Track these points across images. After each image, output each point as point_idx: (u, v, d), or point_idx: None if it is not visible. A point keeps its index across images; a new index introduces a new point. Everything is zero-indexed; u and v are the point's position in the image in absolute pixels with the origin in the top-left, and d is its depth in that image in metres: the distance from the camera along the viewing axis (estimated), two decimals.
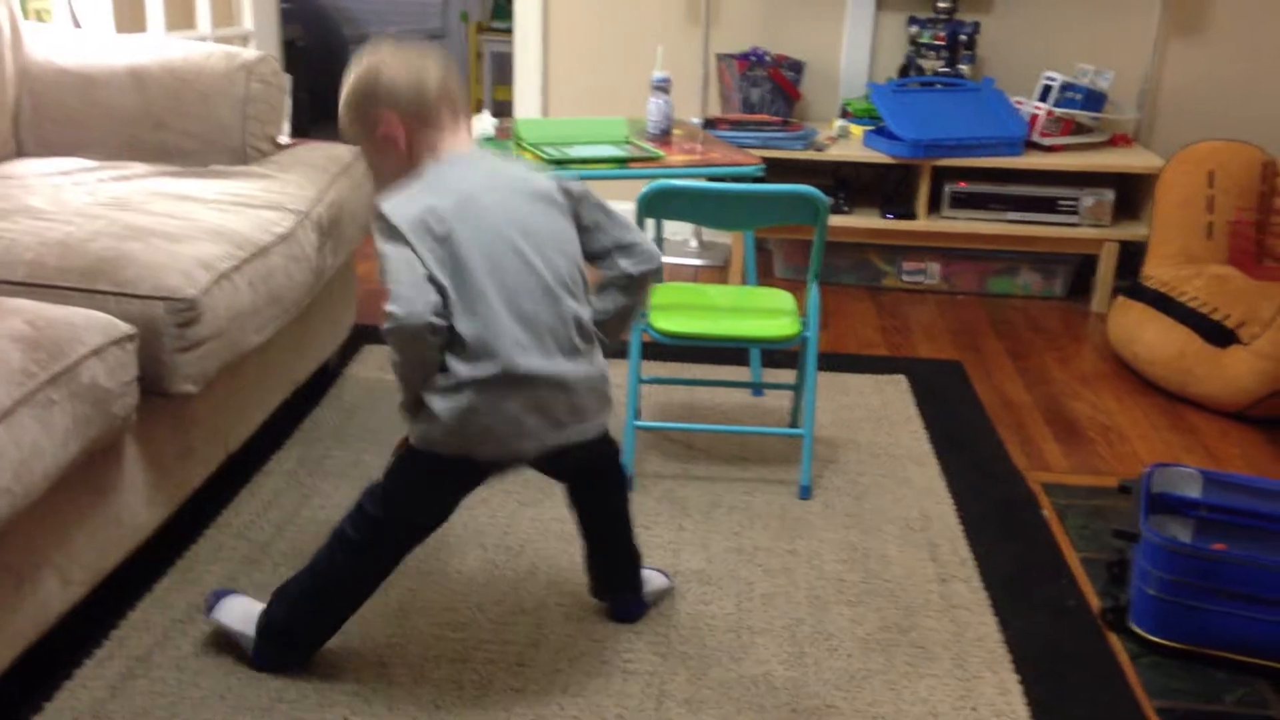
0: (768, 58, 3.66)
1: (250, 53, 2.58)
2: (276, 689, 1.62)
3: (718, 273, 3.72)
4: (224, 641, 1.68)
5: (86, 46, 2.56)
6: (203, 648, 1.69)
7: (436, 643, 1.74)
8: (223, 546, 1.97)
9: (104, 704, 1.57)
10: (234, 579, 1.87)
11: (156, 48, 2.55)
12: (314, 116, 5.66)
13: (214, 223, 2.05)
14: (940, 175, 3.43)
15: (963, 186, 3.43)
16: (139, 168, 2.35)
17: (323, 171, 2.50)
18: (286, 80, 2.67)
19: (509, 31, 5.04)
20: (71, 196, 2.07)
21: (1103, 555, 2.03)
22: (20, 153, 2.45)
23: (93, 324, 1.56)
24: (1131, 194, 3.49)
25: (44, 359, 1.44)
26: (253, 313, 1.95)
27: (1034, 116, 3.47)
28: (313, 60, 5.68)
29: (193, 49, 2.57)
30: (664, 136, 2.85)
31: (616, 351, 2.86)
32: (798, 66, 3.70)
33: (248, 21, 3.67)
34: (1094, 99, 3.48)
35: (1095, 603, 1.92)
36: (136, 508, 1.70)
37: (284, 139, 2.67)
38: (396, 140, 1.58)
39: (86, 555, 1.61)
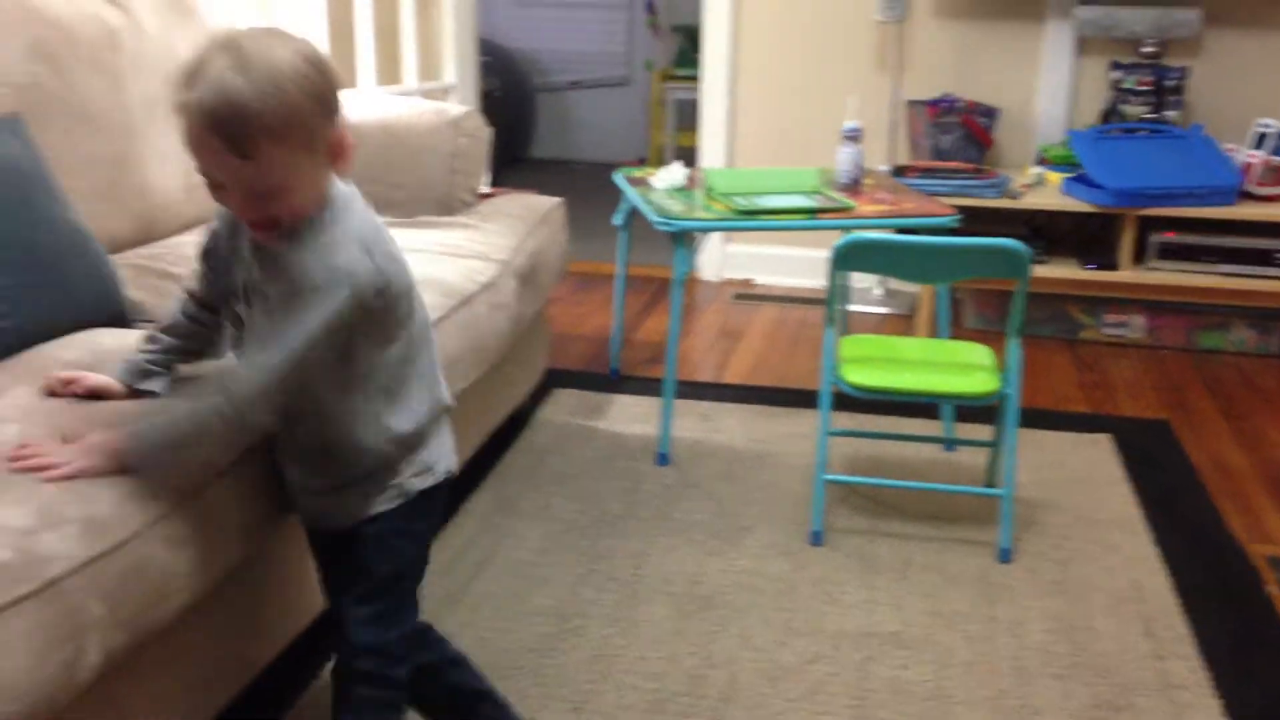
0: (960, 104, 3.60)
1: (457, 109, 2.69)
2: None
3: (903, 322, 3.66)
4: None
5: None
6: None
7: (631, 691, 1.75)
8: (427, 584, 2.03)
9: None
10: (437, 618, 1.92)
11: (372, 106, 2.69)
12: (505, 163, 5.88)
13: (424, 272, 2.12)
14: (1145, 225, 3.29)
15: (1171, 237, 3.27)
16: None
17: (522, 221, 2.58)
18: (488, 133, 2.77)
19: (692, 79, 5.13)
20: None
21: None
22: None
23: None
24: None
25: None
26: (458, 360, 2.02)
27: (1248, 165, 3.30)
28: (505, 109, 5.91)
29: (404, 107, 2.71)
30: (854, 186, 2.82)
31: (799, 401, 2.86)
32: (991, 113, 3.62)
33: (450, 75, 3.84)
34: None
35: None
36: None
37: (484, 189, 2.78)
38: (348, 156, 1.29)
39: (313, 588, 1.69)
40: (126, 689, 1.32)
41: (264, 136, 1.17)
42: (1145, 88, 3.45)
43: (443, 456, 1.45)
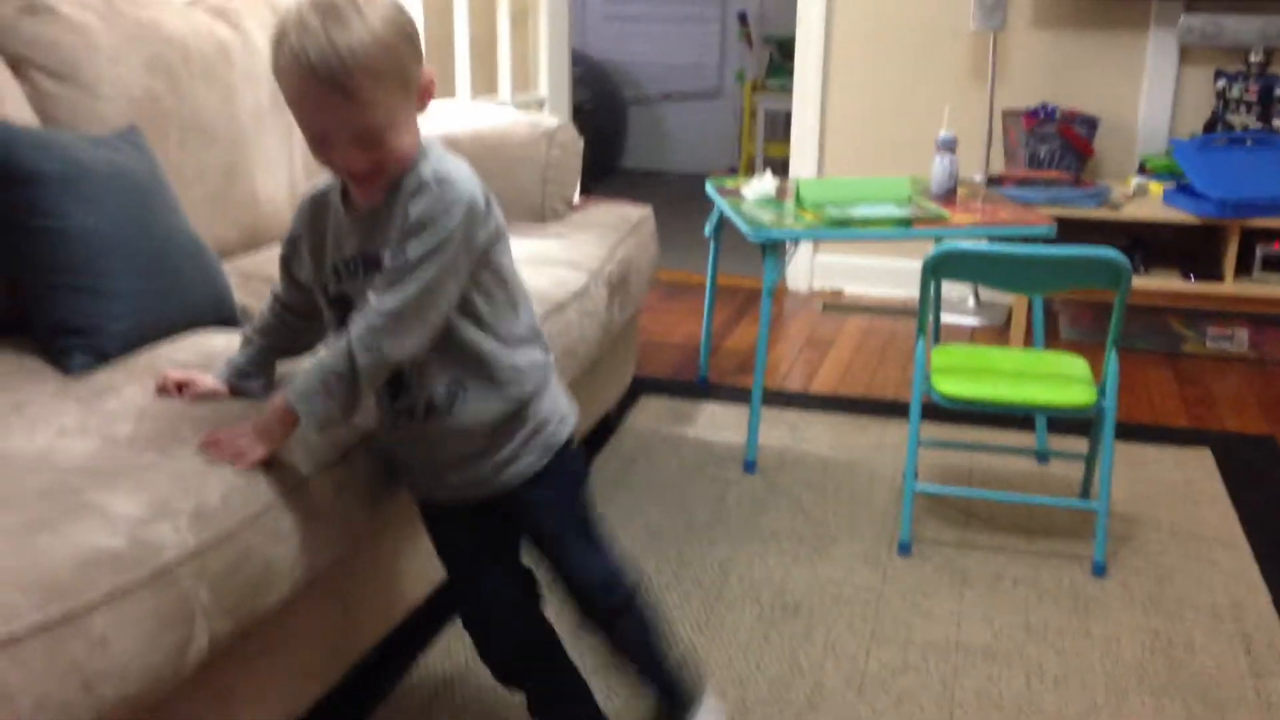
0: (1057, 113, 3.54)
1: (550, 121, 2.74)
2: None
3: (996, 333, 3.61)
4: None
5: None
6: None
7: (716, 696, 1.75)
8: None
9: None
10: None
11: (467, 117, 2.76)
12: (597, 174, 5.96)
13: None
14: (1250, 236, 3.19)
15: (1277, 249, 3.18)
16: None
17: (613, 231, 2.62)
18: (580, 144, 2.82)
19: (783, 90, 5.13)
20: None
21: None
22: None
23: None
24: None
25: None
26: None
27: None
28: (597, 121, 5.98)
29: (498, 118, 2.77)
30: (948, 196, 2.80)
31: (888, 412, 2.85)
32: (1091, 122, 3.56)
33: (543, 88, 3.91)
34: None
35: None
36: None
37: (576, 199, 2.82)
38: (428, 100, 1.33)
39: (401, 589, 1.74)
40: (230, 676, 1.38)
41: (365, 76, 1.20)
42: (1252, 98, 3.36)
43: (568, 402, 1.50)
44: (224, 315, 1.85)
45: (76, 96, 1.91)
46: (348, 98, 1.21)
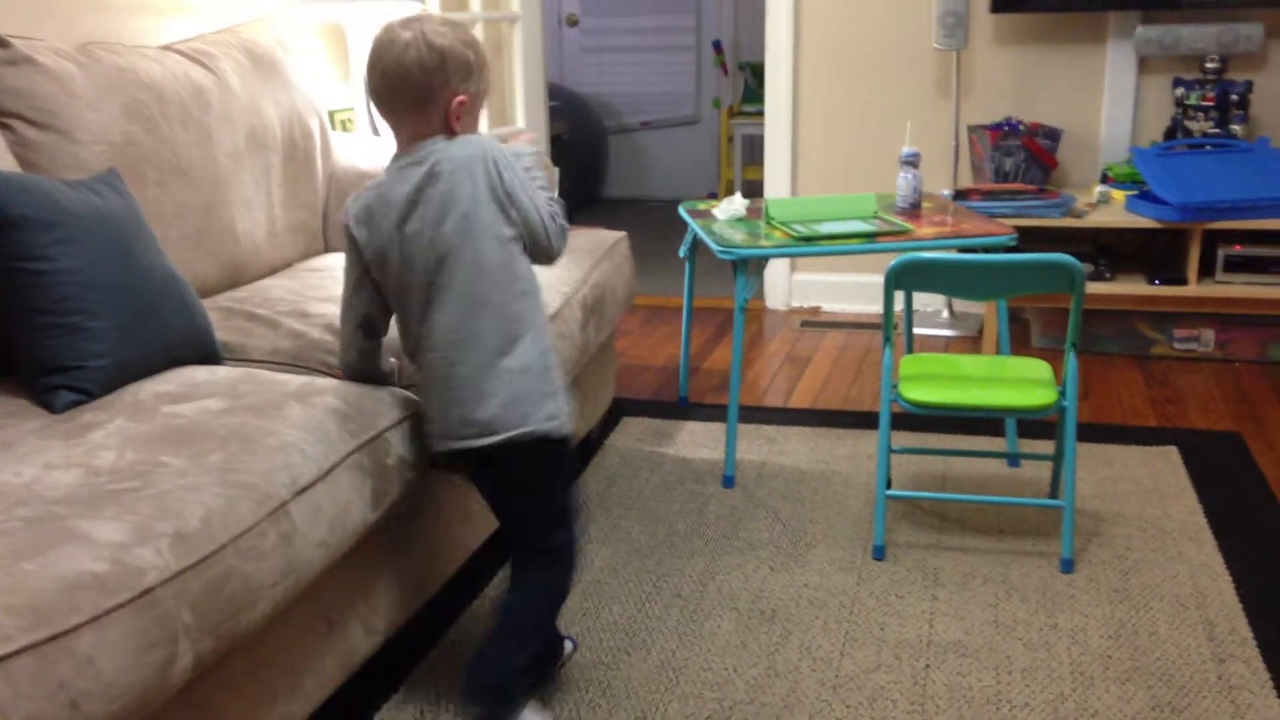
0: (1021, 127, 3.62)
1: None
2: None
3: (970, 343, 3.67)
4: None
5: (383, 152, 2.87)
6: None
7: (695, 700, 1.80)
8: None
9: None
10: None
11: None
12: (578, 203, 6.03)
13: None
14: (1212, 239, 3.27)
15: (1239, 250, 3.25)
16: None
17: (588, 255, 2.68)
18: (555, 174, 2.88)
19: (759, 115, 5.22)
20: None
21: None
22: (327, 248, 2.76)
23: (394, 401, 1.75)
24: None
25: (355, 429, 1.64)
26: None
27: None
28: (576, 151, 6.06)
29: None
30: (913, 210, 2.87)
31: (864, 423, 2.91)
32: (1054, 134, 3.64)
33: (520, 120, 3.98)
34: None
35: None
36: (425, 565, 1.88)
37: None
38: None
39: (386, 606, 1.78)
40: (217, 693, 1.43)
41: None
42: (1209, 103, 3.44)
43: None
44: (205, 351, 1.90)
45: (57, 142, 1.98)
46: None
